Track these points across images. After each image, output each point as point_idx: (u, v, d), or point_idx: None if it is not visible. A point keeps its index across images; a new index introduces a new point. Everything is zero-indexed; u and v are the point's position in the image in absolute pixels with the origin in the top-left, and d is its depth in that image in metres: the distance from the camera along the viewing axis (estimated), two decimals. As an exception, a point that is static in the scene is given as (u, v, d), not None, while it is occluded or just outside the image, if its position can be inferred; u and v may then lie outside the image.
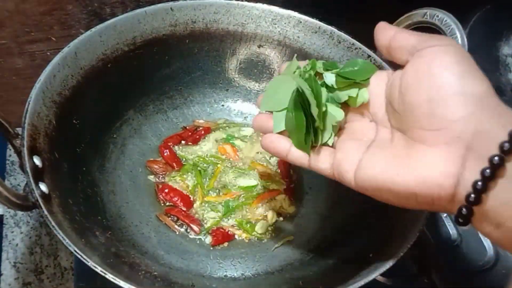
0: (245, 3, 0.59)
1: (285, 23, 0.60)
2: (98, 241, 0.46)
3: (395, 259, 0.42)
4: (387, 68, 0.55)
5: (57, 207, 0.42)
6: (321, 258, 0.51)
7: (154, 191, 0.57)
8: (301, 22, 0.59)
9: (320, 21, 0.58)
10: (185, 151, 0.61)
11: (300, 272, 0.51)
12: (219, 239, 0.54)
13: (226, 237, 0.54)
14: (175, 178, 0.58)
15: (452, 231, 0.61)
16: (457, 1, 0.55)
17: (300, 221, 0.57)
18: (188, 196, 0.57)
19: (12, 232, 0.60)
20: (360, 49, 0.57)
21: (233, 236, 0.55)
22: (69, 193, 0.46)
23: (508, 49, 0.61)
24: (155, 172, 0.58)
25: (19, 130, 0.43)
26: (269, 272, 0.52)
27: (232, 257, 0.53)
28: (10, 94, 0.67)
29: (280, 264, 0.52)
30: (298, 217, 0.57)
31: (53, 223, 0.39)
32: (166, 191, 0.56)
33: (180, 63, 0.61)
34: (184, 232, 0.54)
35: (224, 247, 0.54)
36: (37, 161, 0.42)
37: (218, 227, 0.55)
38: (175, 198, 0.56)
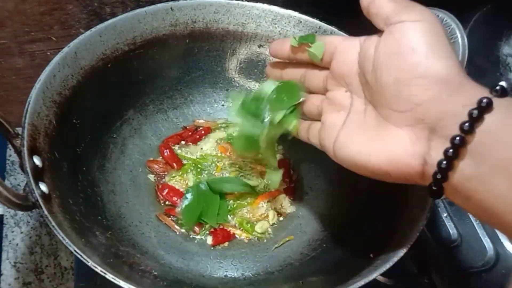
0: (245, 3, 0.59)
1: (285, 23, 0.60)
2: (98, 241, 0.46)
3: (395, 259, 0.42)
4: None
5: (57, 207, 0.42)
6: (321, 258, 0.51)
7: (154, 191, 0.57)
8: (301, 22, 0.59)
9: (320, 21, 0.58)
10: (185, 151, 0.61)
11: (300, 272, 0.51)
12: (219, 239, 0.54)
13: (226, 237, 0.54)
14: (175, 178, 0.58)
15: (452, 231, 0.61)
16: (457, 1, 0.55)
17: (300, 221, 0.57)
18: (188, 196, 0.57)
19: (12, 232, 0.60)
20: (360, 49, 0.57)
21: (233, 236, 0.55)
22: (69, 193, 0.46)
23: (508, 49, 0.61)
24: (155, 172, 0.58)
25: (19, 130, 0.43)
26: (269, 272, 0.52)
27: (232, 257, 0.53)
28: (10, 94, 0.66)
29: (280, 264, 0.52)
30: (298, 217, 0.57)
31: (53, 223, 0.39)
32: (166, 191, 0.56)
33: (180, 63, 0.61)
34: (184, 232, 0.54)
35: (224, 247, 0.54)
36: (37, 161, 0.42)
37: (218, 227, 0.55)
38: (175, 198, 0.56)
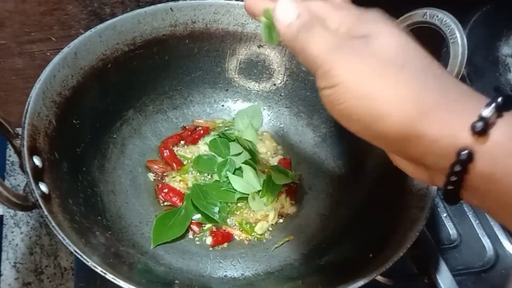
0: (245, 3, 0.59)
1: (285, 23, 0.59)
2: (98, 241, 0.46)
3: (395, 259, 0.42)
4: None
5: (57, 207, 0.42)
6: (321, 258, 0.51)
7: (154, 191, 0.57)
8: (301, 22, 0.59)
9: (320, 21, 0.58)
10: (184, 151, 0.61)
11: (300, 272, 0.51)
12: (219, 240, 0.54)
13: (226, 237, 0.54)
14: (175, 178, 0.58)
15: (451, 231, 0.61)
16: (457, 1, 0.55)
17: (300, 221, 0.57)
18: (188, 196, 0.57)
19: (12, 232, 0.60)
20: (360, 49, 0.56)
21: (232, 236, 0.55)
22: (69, 193, 0.46)
23: (508, 49, 0.61)
24: (155, 172, 0.58)
25: (19, 130, 0.43)
26: (269, 272, 0.52)
27: (232, 257, 0.53)
28: (10, 94, 0.66)
29: (280, 264, 0.52)
30: (298, 217, 0.57)
31: (53, 223, 0.39)
32: (165, 191, 0.56)
33: (180, 63, 0.61)
34: (184, 232, 0.54)
35: (224, 247, 0.54)
36: (37, 161, 0.42)
37: (218, 227, 0.55)
38: (175, 198, 0.56)
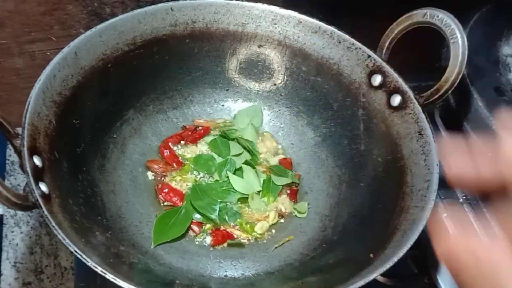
0: (245, 3, 0.59)
1: (285, 23, 0.60)
2: (98, 241, 0.45)
3: (395, 259, 0.42)
4: (386, 68, 0.55)
5: (57, 207, 0.42)
6: (321, 258, 0.51)
7: (154, 191, 0.57)
8: (301, 22, 0.59)
9: (320, 21, 0.58)
10: (184, 151, 0.61)
11: (300, 272, 0.50)
12: (219, 239, 0.54)
13: (226, 237, 0.54)
14: (175, 178, 0.58)
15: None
16: (457, 1, 0.55)
17: (300, 221, 0.57)
18: (188, 196, 0.56)
19: (12, 232, 0.60)
20: (360, 49, 0.57)
21: (233, 236, 0.55)
22: (69, 193, 0.46)
23: (508, 49, 0.61)
24: (155, 172, 0.58)
25: (19, 130, 0.43)
26: (269, 272, 0.52)
27: (232, 257, 0.53)
28: (10, 94, 0.67)
29: (280, 264, 0.52)
30: (298, 217, 0.57)
31: (53, 223, 0.39)
32: (165, 191, 0.56)
33: (180, 63, 0.61)
34: (185, 232, 0.54)
35: (224, 247, 0.54)
36: (37, 161, 0.42)
37: (218, 227, 0.55)
38: (175, 198, 0.56)
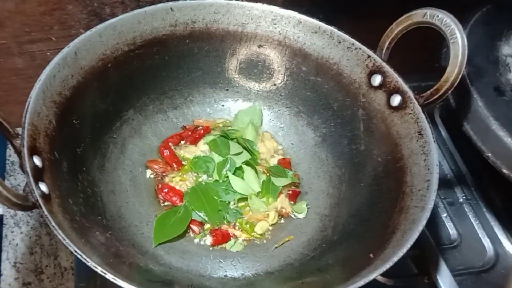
0: (245, 3, 0.59)
1: (285, 23, 0.60)
2: (98, 241, 0.46)
3: (395, 259, 0.42)
4: (386, 68, 0.55)
5: (57, 207, 0.42)
6: (321, 258, 0.51)
7: (154, 191, 0.57)
8: (301, 22, 0.59)
9: (320, 21, 0.58)
10: (184, 151, 0.61)
11: (300, 272, 0.50)
12: (219, 239, 0.54)
13: (226, 237, 0.54)
14: (175, 178, 0.58)
15: (451, 231, 0.61)
16: (457, 1, 0.55)
17: (300, 221, 0.57)
18: (188, 196, 0.56)
19: (12, 232, 0.60)
20: (360, 49, 0.57)
21: (232, 237, 0.55)
22: (69, 193, 0.46)
23: (508, 49, 0.61)
24: (155, 172, 0.58)
25: (19, 130, 0.43)
26: (269, 272, 0.52)
27: (232, 257, 0.53)
28: (10, 94, 0.67)
29: (280, 264, 0.52)
30: (298, 217, 0.57)
31: (53, 223, 0.39)
32: (165, 190, 0.56)
33: (180, 63, 0.61)
34: (185, 230, 0.54)
35: (224, 247, 0.54)
36: (37, 161, 0.42)
37: (218, 227, 0.55)
38: (175, 197, 0.56)
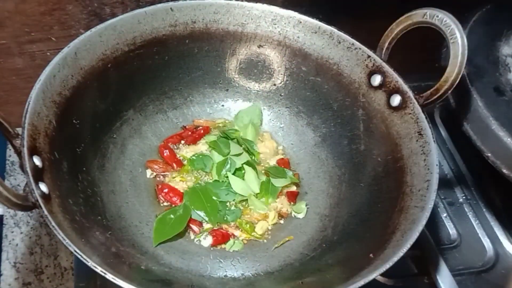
0: (245, 3, 0.59)
1: (285, 23, 0.60)
2: (98, 241, 0.46)
3: (395, 259, 0.42)
4: (386, 68, 0.55)
5: (57, 207, 0.42)
6: (321, 258, 0.51)
7: (154, 191, 0.57)
8: (301, 22, 0.59)
9: (320, 21, 0.58)
10: (184, 151, 0.61)
11: (300, 272, 0.50)
12: (218, 239, 0.54)
13: (226, 237, 0.54)
14: (175, 178, 0.58)
15: (451, 231, 0.61)
16: (457, 1, 0.55)
17: (300, 221, 0.57)
18: (188, 196, 0.56)
19: (12, 232, 0.60)
20: (360, 49, 0.57)
21: (232, 237, 0.55)
22: (69, 193, 0.46)
23: (508, 49, 0.61)
24: (155, 172, 0.58)
25: (19, 130, 0.43)
26: (269, 272, 0.52)
27: (232, 257, 0.53)
28: (10, 94, 0.67)
29: (280, 264, 0.52)
30: (297, 217, 0.57)
31: (53, 223, 0.39)
32: (165, 191, 0.56)
33: (180, 63, 0.61)
34: (185, 230, 0.54)
35: (224, 247, 0.54)
36: (37, 161, 0.42)
37: (218, 227, 0.55)
38: (175, 198, 0.56)
